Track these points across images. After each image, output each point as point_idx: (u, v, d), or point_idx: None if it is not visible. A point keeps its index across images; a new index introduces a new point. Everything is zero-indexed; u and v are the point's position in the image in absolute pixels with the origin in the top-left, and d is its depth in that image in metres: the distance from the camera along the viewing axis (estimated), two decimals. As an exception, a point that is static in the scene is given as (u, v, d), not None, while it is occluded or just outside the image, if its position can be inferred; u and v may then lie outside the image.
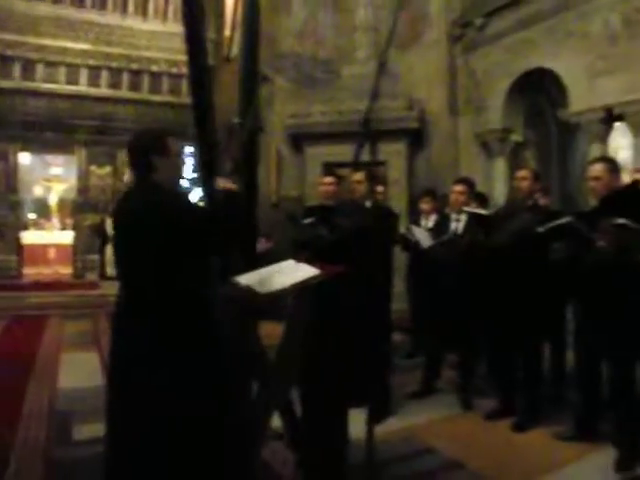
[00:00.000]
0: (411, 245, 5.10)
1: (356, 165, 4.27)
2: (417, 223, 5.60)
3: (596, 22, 6.66)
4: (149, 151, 2.40)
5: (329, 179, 4.85)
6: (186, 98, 13.37)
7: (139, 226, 2.32)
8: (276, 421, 3.00)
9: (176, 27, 13.57)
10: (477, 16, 8.04)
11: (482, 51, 8.13)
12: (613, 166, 3.56)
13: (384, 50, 2.78)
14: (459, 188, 4.67)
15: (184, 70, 13.82)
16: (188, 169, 13.14)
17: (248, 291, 2.66)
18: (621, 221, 2.73)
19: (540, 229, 3.64)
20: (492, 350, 4.66)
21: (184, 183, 13.73)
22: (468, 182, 4.85)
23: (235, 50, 9.71)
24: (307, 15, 9.06)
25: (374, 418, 4.03)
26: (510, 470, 3.38)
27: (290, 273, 2.77)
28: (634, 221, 2.74)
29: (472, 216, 4.35)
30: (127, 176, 13.20)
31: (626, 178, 4.83)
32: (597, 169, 3.53)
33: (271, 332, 3.13)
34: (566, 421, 3.92)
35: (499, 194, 7.83)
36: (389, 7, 8.59)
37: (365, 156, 7.78)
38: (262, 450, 3.01)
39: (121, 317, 2.43)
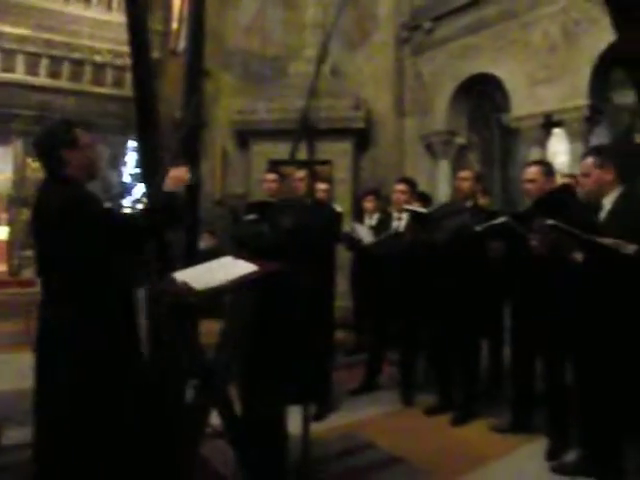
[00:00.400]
0: (354, 243, 5.12)
1: (294, 163, 4.26)
2: (361, 221, 5.65)
3: (537, 32, 6.87)
4: (59, 145, 2.36)
5: (272, 176, 4.83)
6: (131, 91, 13.07)
7: (52, 222, 2.30)
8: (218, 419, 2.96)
9: (121, 17, 13.21)
10: (425, 20, 8.16)
11: (429, 54, 8.27)
12: (547, 169, 3.69)
13: (323, 48, 2.78)
14: (401, 187, 4.73)
15: (129, 62, 13.50)
16: (131, 164, 12.88)
17: (184, 287, 2.61)
18: (551, 222, 2.81)
19: (478, 228, 3.72)
20: (432, 347, 4.74)
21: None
22: (410, 182, 4.91)
23: (182, 44, 9.57)
24: (256, 11, 8.99)
25: (315, 415, 4.07)
26: (448, 463, 3.45)
27: (228, 269, 2.75)
28: (564, 222, 2.82)
29: (412, 214, 4.41)
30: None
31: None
32: (532, 172, 3.65)
33: (211, 330, 3.09)
34: (502, 414, 4.04)
35: (442, 195, 7.96)
36: (339, 6, 8.61)
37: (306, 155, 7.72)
38: (202, 448, 2.98)
39: (42, 313, 2.40)
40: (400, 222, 4.74)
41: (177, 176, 2.61)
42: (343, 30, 8.90)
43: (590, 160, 2.99)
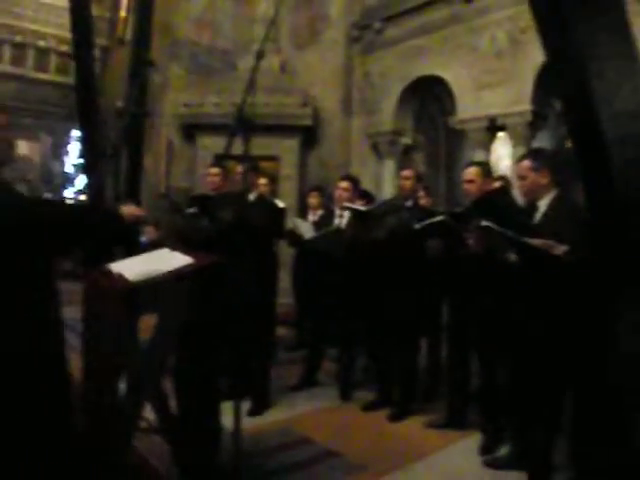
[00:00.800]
0: (296, 239, 5.12)
1: (238, 158, 4.24)
2: (304, 218, 5.64)
3: (484, 37, 7.00)
4: None
5: (215, 170, 4.79)
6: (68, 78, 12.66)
7: None
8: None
9: (67, 1, 12.83)
10: (376, 20, 8.22)
11: (378, 55, 8.33)
12: (486, 170, 3.76)
13: (263, 43, 2.76)
14: (344, 185, 4.74)
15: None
16: (74, 154, 12.55)
17: (119, 278, 2.56)
18: (484, 224, 2.86)
19: (417, 226, 3.76)
20: (371, 343, 4.78)
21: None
22: (353, 179, 4.93)
23: (130, 32, 9.38)
24: (206, 2, 8.88)
25: (251, 411, 4.05)
26: (384, 457, 3.47)
27: (164, 261, 2.71)
28: (500, 223, 2.88)
29: (351, 212, 4.44)
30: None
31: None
32: (471, 172, 3.71)
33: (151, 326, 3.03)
34: (439, 411, 4.10)
35: (387, 195, 8.03)
36: (290, 3, 8.60)
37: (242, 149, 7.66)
38: (138, 444, 2.92)
39: None
40: (342, 219, 4.76)
41: (132, 213, 2.49)
42: (294, 28, 8.90)
43: (526, 163, 3.06)
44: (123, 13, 10.07)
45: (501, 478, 3.21)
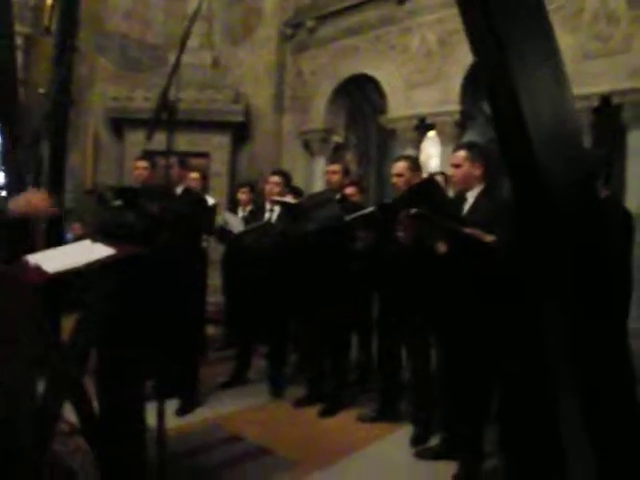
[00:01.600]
0: (225, 234, 5.04)
1: (166, 153, 4.17)
2: (235, 213, 5.55)
3: (415, 38, 7.11)
4: None
5: (142, 163, 4.68)
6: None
7: None
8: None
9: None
10: (309, 18, 8.21)
11: (311, 53, 8.33)
12: (414, 164, 3.80)
13: (184, 37, 2.67)
14: (274, 179, 4.71)
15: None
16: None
17: (36, 270, 2.42)
18: (415, 210, 2.87)
19: (347, 218, 3.75)
20: (302, 338, 4.75)
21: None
22: (284, 174, 4.90)
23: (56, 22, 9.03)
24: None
25: (180, 410, 3.94)
26: (316, 452, 3.44)
27: (84, 253, 2.59)
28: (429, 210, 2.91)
29: (281, 205, 4.40)
30: None
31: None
32: (399, 166, 3.74)
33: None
34: (370, 404, 4.12)
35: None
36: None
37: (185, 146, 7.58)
38: (57, 445, 2.79)
39: None
40: (272, 213, 4.72)
41: (34, 202, 2.35)
42: (227, 24, 8.80)
43: (462, 152, 3.10)
44: (49, 1, 9.65)
45: (433, 468, 3.23)
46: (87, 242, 2.74)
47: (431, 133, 7.54)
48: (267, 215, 4.77)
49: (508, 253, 2.48)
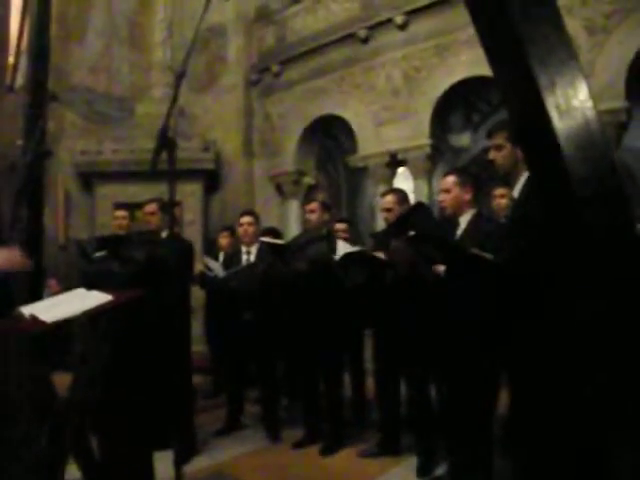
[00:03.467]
0: (209, 279, 4.98)
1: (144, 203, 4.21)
2: (215, 259, 5.51)
3: (380, 76, 7.27)
4: None
5: (122, 212, 4.66)
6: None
7: None
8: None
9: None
10: (274, 63, 8.35)
11: (278, 96, 8.45)
12: (402, 197, 3.82)
13: (175, 92, 2.68)
14: (247, 219, 4.68)
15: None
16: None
17: (33, 320, 2.36)
18: (412, 233, 2.88)
19: (336, 257, 3.74)
20: (293, 380, 4.69)
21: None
22: (254, 213, 4.89)
23: (20, 79, 8.98)
24: (101, 48, 8.70)
25: (180, 459, 3.82)
26: (322, 492, 3.36)
27: (80, 301, 2.54)
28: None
29: (269, 246, 4.37)
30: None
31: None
32: (388, 201, 3.76)
33: (63, 383, 2.82)
34: (369, 439, 4.08)
35: (293, 235, 8.04)
36: (186, 49, 8.57)
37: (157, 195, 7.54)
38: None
39: None
40: (249, 255, 4.69)
41: (8, 258, 2.33)
42: (192, 73, 8.87)
43: (452, 178, 3.14)
44: (11, 59, 9.63)
45: (443, 498, 3.19)
46: (81, 290, 2.69)
47: (401, 169, 7.65)
48: (244, 257, 4.73)
49: (511, 274, 2.49)
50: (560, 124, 1.34)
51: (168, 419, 3.96)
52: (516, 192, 2.56)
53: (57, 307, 2.49)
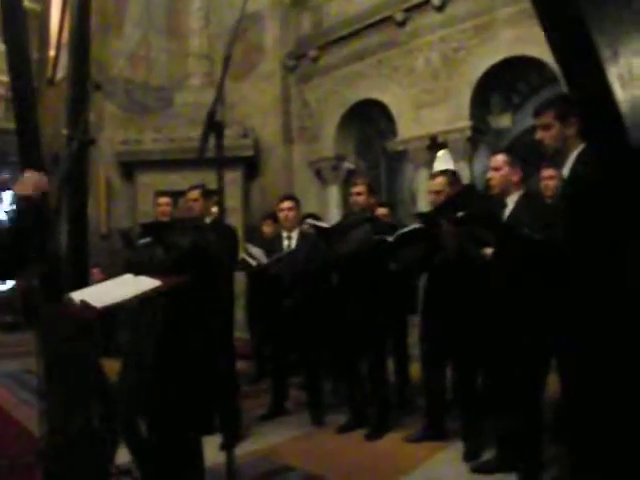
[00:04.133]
0: (252, 265, 5.00)
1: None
2: (258, 244, 5.52)
3: (419, 59, 7.17)
4: None
5: (165, 199, 4.68)
6: (5, 123, 12.20)
7: None
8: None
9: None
10: (311, 49, 8.31)
11: (316, 82, 8.41)
12: (453, 178, 3.75)
13: (222, 77, 2.66)
14: (287, 204, 4.68)
15: (1, 91, 12.60)
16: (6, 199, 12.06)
17: (84, 306, 2.39)
18: (462, 214, 2.84)
19: (390, 238, 3.69)
20: (338, 365, 4.68)
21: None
22: (293, 198, 4.88)
23: (60, 72, 9.13)
24: (139, 39, 8.78)
25: (228, 443, 3.86)
26: (369, 476, 3.37)
27: (129, 286, 2.56)
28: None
29: (315, 229, 4.35)
30: None
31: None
32: (438, 182, 3.69)
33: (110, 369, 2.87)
34: (414, 424, 4.05)
35: (333, 221, 8.01)
36: (223, 36, 8.59)
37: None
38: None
39: None
40: (290, 241, 4.68)
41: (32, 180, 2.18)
42: (225, 56, 8.89)
43: (502, 157, 3.09)
44: (52, 53, 9.81)
45: (491, 482, 3.15)
46: (128, 276, 2.71)
47: (441, 152, 7.55)
48: (285, 242, 4.74)
49: (561, 254, 2.43)
50: (623, 94, 1.30)
51: (214, 404, 4.01)
52: (566, 171, 2.49)
53: (106, 292, 2.51)
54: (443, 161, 7.69)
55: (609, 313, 1.99)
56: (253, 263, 4.85)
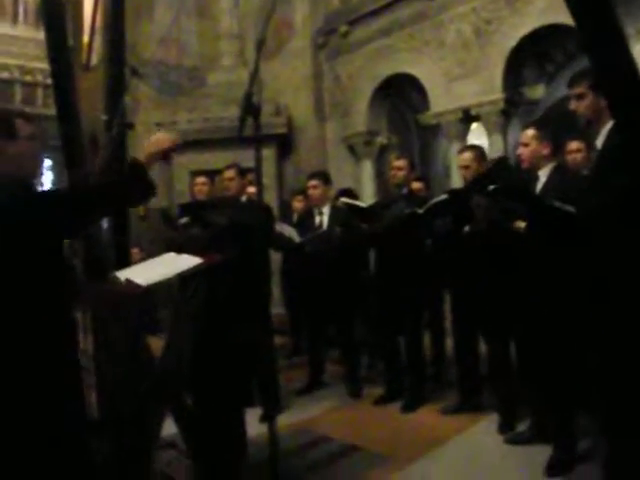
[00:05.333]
0: (286, 243, 5.08)
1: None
2: (290, 222, 5.60)
3: (450, 31, 7.09)
4: None
5: (202, 179, 4.77)
6: (42, 108, 12.45)
7: None
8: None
9: (29, 31, 12.59)
10: (341, 24, 8.26)
11: (346, 57, 8.37)
12: (480, 153, 3.78)
13: (256, 59, 2.70)
14: (313, 182, 4.77)
15: (39, 78, 12.86)
16: (47, 183, 12.33)
17: (130, 284, 2.49)
18: (493, 187, 2.85)
19: (420, 210, 3.74)
20: (375, 338, 4.76)
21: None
22: (320, 175, 4.94)
23: (95, 58, 9.26)
24: (170, 21, 8.84)
25: (268, 415, 3.98)
26: (405, 447, 3.46)
27: (172, 264, 2.65)
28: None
29: (349, 207, 4.41)
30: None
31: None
32: (465, 158, 3.72)
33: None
34: (449, 396, 4.14)
35: (367, 195, 8.04)
36: (253, 15, 8.60)
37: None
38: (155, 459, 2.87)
39: None
40: (322, 216, 4.75)
41: (161, 139, 2.31)
42: (259, 39, 8.90)
43: (530, 131, 3.09)
44: (86, 38, 9.94)
45: (526, 453, 3.20)
46: (171, 255, 2.81)
47: (474, 125, 7.50)
48: (317, 218, 4.81)
49: (594, 227, 2.44)
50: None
51: (253, 378, 4.14)
52: (599, 142, 2.47)
53: (150, 271, 2.61)
54: (476, 134, 7.65)
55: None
56: (294, 239, 4.94)
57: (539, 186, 3.04)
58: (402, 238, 4.04)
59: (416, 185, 4.94)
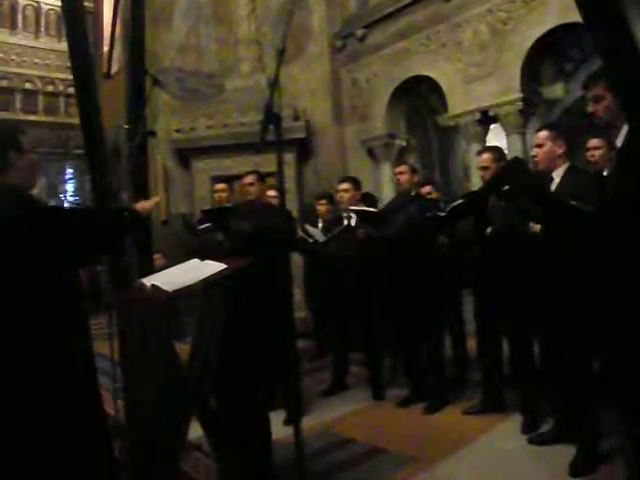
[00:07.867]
0: (308, 246, 5.12)
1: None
2: (314, 226, 5.65)
3: (467, 32, 7.10)
4: (5, 145, 2.13)
5: (221, 185, 4.84)
6: (65, 117, 12.67)
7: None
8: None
9: (50, 42, 12.81)
10: (357, 28, 8.31)
11: (364, 61, 8.42)
12: (499, 154, 3.79)
13: (277, 70, 2.73)
14: (343, 186, 4.79)
15: (61, 88, 13.06)
16: (69, 191, 12.53)
17: (156, 290, 2.55)
18: (506, 187, 2.87)
19: (440, 213, 3.76)
20: (396, 342, 4.78)
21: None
22: (351, 179, 4.97)
23: (115, 66, 9.39)
24: (188, 29, 8.95)
25: (292, 418, 4.02)
26: (428, 448, 3.47)
27: (196, 270, 2.71)
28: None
29: (359, 214, 4.46)
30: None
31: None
32: (484, 159, 3.75)
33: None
34: (472, 397, 4.15)
35: (387, 198, 8.06)
36: (270, 21, 8.68)
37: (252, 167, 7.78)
38: (181, 461, 2.92)
39: None
40: (351, 220, 4.79)
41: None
42: (277, 45, 8.98)
43: (545, 132, 3.11)
44: (106, 48, 10.10)
45: (549, 453, 3.20)
46: (195, 261, 2.86)
47: (493, 126, 7.49)
48: (345, 222, 4.84)
49: (611, 225, 2.45)
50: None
51: (277, 381, 4.18)
52: (619, 142, 2.47)
53: (176, 277, 2.66)
54: (495, 135, 7.64)
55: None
56: (311, 241, 5.00)
57: (553, 187, 3.06)
58: (415, 240, 4.07)
59: (425, 189, 4.99)
